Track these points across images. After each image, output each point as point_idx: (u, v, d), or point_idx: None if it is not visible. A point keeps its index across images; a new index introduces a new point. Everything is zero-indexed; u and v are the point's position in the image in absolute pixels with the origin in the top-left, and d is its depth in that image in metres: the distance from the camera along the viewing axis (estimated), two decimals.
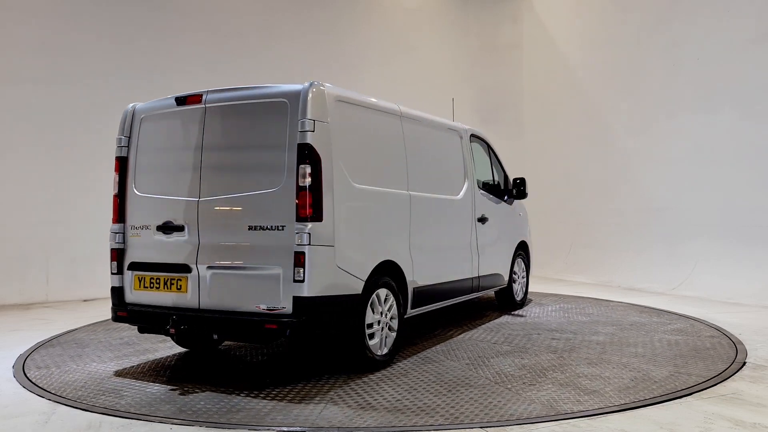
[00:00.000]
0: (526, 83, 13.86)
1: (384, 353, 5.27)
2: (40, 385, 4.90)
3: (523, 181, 7.87)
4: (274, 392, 4.61)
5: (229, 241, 4.80)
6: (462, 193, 6.80)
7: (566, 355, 5.64)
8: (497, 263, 7.58)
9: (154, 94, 5.86)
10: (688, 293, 9.56)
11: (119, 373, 5.23)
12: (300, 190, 4.55)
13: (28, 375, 5.20)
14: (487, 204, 7.33)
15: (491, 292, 7.96)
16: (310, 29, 11.86)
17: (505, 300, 8.18)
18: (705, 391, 4.62)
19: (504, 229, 7.80)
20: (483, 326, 7.05)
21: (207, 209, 4.90)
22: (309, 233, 4.52)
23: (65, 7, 9.82)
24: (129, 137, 5.41)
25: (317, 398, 4.45)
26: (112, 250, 5.31)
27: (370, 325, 5.11)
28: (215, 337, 4.92)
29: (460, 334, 6.67)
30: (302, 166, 4.56)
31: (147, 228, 5.16)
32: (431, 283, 6.06)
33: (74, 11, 9.87)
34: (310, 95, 4.66)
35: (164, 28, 10.56)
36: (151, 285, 5.10)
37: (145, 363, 5.59)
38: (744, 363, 5.41)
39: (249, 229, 4.70)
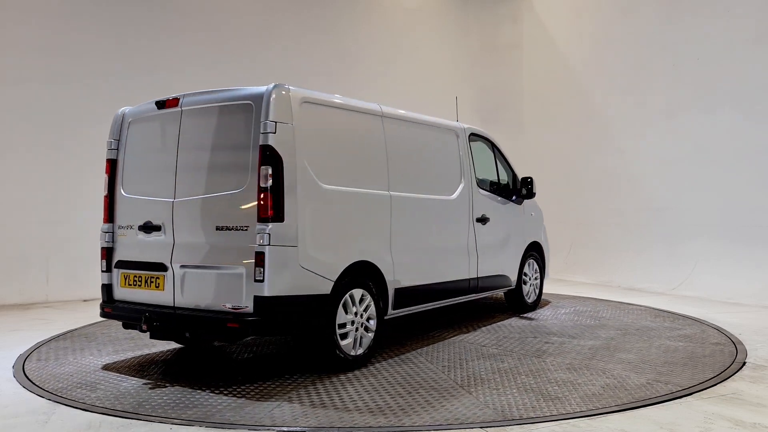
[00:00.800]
0: (526, 83, 13.86)
1: (359, 353, 5.28)
2: (31, 378, 4.99)
3: (530, 180, 7.71)
4: (238, 389, 4.69)
5: (199, 241, 4.95)
6: (457, 193, 6.72)
7: (550, 359, 5.52)
8: (502, 264, 7.42)
9: (154, 94, 5.88)
10: (688, 293, 9.56)
11: (107, 367, 5.35)
12: (261, 191, 4.64)
13: (27, 374, 5.21)
14: (489, 204, 7.22)
15: (501, 293, 7.85)
16: (310, 29, 11.86)
17: (515, 302, 7.96)
18: (705, 391, 4.62)
19: (511, 230, 7.63)
20: (483, 328, 7.01)
21: (181, 210, 5.08)
22: (269, 234, 4.60)
23: (65, 7, 9.82)
24: (118, 140, 5.66)
25: (275, 396, 4.51)
26: (102, 249, 5.59)
27: (343, 325, 5.13)
28: (187, 334, 5.10)
29: (454, 335, 6.62)
30: (263, 167, 4.65)
31: (131, 228, 5.40)
32: (417, 284, 6.01)
33: (74, 11, 9.87)
34: (272, 97, 4.75)
35: (164, 28, 10.56)
36: (135, 283, 5.32)
37: (138, 358, 5.70)
38: (744, 363, 5.41)
39: (217, 230, 4.84)
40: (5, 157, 9.34)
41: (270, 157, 4.65)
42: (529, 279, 8.08)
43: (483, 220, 7.03)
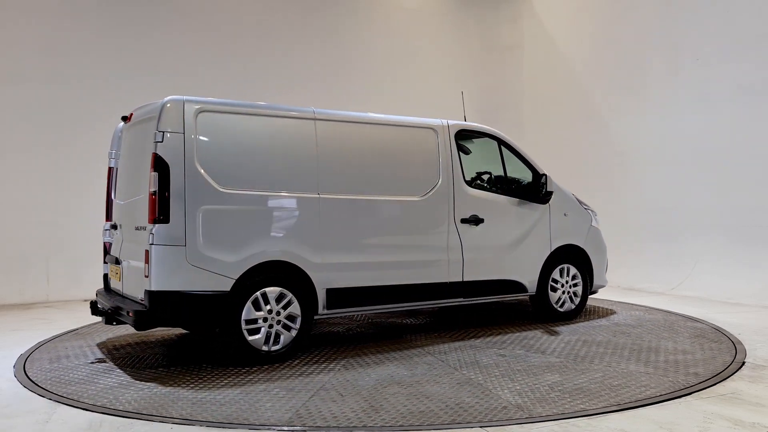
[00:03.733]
0: (526, 83, 13.86)
1: (275, 350, 5.47)
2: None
3: (543, 178, 7.15)
4: (145, 374, 5.19)
5: (129, 239, 5.72)
6: (430, 193, 6.46)
7: (460, 374, 5.11)
8: (509, 268, 6.96)
9: (155, 95, 5.94)
10: (688, 293, 9.56)
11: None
12: (151, 194, 5.15)
13: (28, 374, 5.22)
14: (485, 204, 6.83)
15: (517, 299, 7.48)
16: (310, 30, 11.86)
17: (542, 309, 7.31)
18: (704, 390, 4.63)
19: (525, 232, 7.09)
20: (470, 336, 6.55)
21: (124, 211, 5.94)
22: (154, 234, 5.11)
23: (66, 6, 9.83)
24: (115, 150, 6.44)
25: (156, 382, 4.94)
26: (104, 243, 6.43)
27: (254, 321, 5.38)
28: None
29: (426, 341, 6.30)
30: (152, 173, 5.15)
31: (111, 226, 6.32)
32: (360, 285, 5.98)
33: (75, 11, 9.88)
34: (162, 109, 5.26)
35: (165, 29, 10.57)
36: (112, 274, 6.18)
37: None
38: (743, 363, 5.42)
39: (136, 229, 5.51)
40: (5, 157, 9.35)
41: (157, 164, 5.13)
42: (561, 286, 7.37)
43: (474, 221, 6.70)
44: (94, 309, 5.77)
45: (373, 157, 6.25)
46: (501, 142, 7.22)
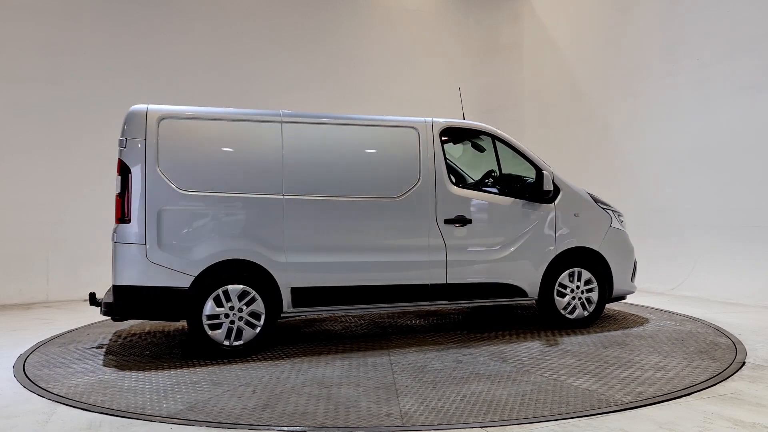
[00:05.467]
0: (526, 83, 13.86)
1: (238, 344, 5.70)
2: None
3: (540, 176, 6.76)
4: (118, 361, 5.57)
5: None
6: (409, 193, 6.34)
7: (397, 377, 5.02)
8: (501, 271, 6.62)
9: (154, 96, 5.98)
10: (688, 293, 9.56)
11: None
12: (116, 197, 5.56)
13: (28, 374, 5.22)
14: (474, 204, 6.58)
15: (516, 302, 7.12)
16: (310, 31, 11.86)
17: (548, 316, 6.91)
18: (704, 390, 4.62)
19: (521, 233, 6.74)
20: (459, 342, 6.31)
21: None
22: (116, 232, 5.55)
23: (66, 6, 9.83)
24: None
25: (115, 368, 5.32)
26: None
27: (215, 317, 5.63)
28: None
29: (401, 345, 6.17)
30: (117, 177, 5.56)
31: None
32: (327, 285, 6.01)
33: (75, 11, 9.88)
34: (126, 118, 5.66)
35: (165, 30, 10.57)
36: None
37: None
38: (743, 363, 5.42)
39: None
40: (5, 157, 9.36)
41: (120, 168, 5.54)
42: (569, 291, 6.94)
43: (459, 221, 6.47)
44: (92, 300, 6.03)
45: (343, 158, 6.23)
46: (496, 139, 6.97)
